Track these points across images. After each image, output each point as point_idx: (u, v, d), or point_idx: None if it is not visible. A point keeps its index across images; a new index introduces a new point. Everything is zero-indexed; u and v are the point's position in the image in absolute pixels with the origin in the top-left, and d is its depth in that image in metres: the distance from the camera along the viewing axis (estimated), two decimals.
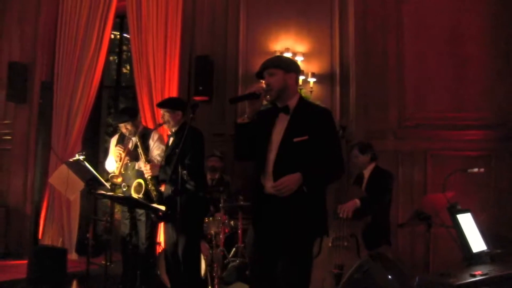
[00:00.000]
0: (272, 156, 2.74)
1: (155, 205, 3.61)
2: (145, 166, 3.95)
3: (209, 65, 6.14)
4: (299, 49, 5.95)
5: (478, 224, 2.73)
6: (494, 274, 2.35)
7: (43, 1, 6.71)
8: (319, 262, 3.34)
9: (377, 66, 5.50)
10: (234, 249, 4.66)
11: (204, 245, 4.51)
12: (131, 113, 4.29)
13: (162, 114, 3.86)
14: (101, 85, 7.16)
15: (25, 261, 4.48)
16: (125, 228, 4.10)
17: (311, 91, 5.78)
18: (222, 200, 4.54)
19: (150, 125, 5.92)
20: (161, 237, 4.66)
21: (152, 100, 6.21)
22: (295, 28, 6.03)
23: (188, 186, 3.62)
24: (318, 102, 5.69)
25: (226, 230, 4.62)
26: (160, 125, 3.98)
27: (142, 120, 6.11)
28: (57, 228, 6.21)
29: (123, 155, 4.10)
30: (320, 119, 2.76)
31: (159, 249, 4.54)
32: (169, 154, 3.81)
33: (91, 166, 4.11)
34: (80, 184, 3.93)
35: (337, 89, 5.86)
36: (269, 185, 2.70)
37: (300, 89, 5.72)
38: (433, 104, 5.41)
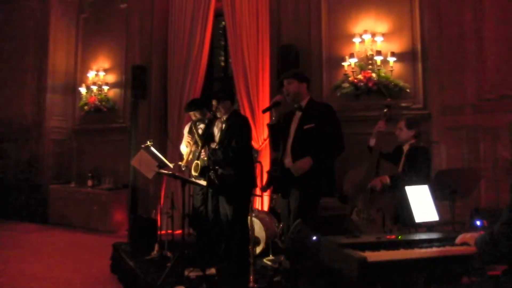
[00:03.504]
0: (290, 140, 3.76)
1: (197, 180, 4.23)
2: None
3: (294, 53, 6.47)
4: (379, 29, 5.98)
5: (434, 197, 2.76)
6: (406, 238, 2.42)
7: (156, 12, 7.78)
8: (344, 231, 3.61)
9: (452, 37, 5.26)
10: None
11: (271, 219, 5.00)
12: (197, 104, 4.95)
13: (214, 103, 4.40)
14: (211, 78, 8.00)
15: None
16: (197, 202, 4.77)
17: (391, 71, 5.80)
18: None
19: (248, 112, 6.59)
20: None
21: (248, 89, 6.78)
22: (375, 8, 6.07)
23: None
24: (399, 81, 5.77)
25: None
26: (214, 113, 4.51)
27: (241, 108, 6.78)
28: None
29: (191, 143, 4.80)
30: (323, 112, 3.75)
31: None
32: (221, 138, 4.37)
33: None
34: (155, 165, 4.68)
35: (419, 66, 5.78)
36: (287, 161, 3.74)
37: (379, 69, 5.82)
38: None
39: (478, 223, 2.84)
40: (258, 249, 4.75)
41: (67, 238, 7.05)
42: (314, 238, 2.37)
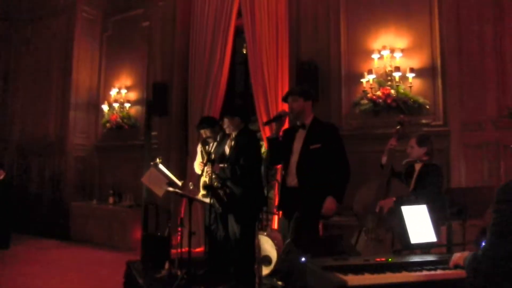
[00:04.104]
0: (294, 160, 3.67)
1: (203, 199, 4.16)
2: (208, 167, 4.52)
3: (313, 69, 6.41)
4: (398, 45, 5.86)
5: (432, 218, 2.64)
6: (397, 260, 2.31)
7: (177, 30, 7.86)
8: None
9: (472, 52, 5.12)
10: None
11: (283, 238, 4.89)
12: (208, 122, 4.93)
13: (223, 121, 4.37)
14: (232, 95, 7.98)
15: None
16: (208, 219, 4.71)
17: (410, 87, 5.65)
18: None
19: (267, 129, 6.52)
20: None
21: (267, 107, 6.73)
22: (394, 24, 5.97)
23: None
24: (418, 98, 5.61)
25: None
26: (223, 131, 4.48)
27: (260, 126, 6.72)
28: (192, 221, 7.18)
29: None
30: (329, 133, 3.70)
31: None
32: (229, 156, 4.31)
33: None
34: (165, 182, 4.66)
35: (439, 82, 5.63)
36: (289, 179, 3.70)
37: (397, 85, 5.68)
38: None
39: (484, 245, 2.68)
40: (269, 269, 4.65)
41: (86, 255, 7.09)
42: (303, 259, 2.29)
